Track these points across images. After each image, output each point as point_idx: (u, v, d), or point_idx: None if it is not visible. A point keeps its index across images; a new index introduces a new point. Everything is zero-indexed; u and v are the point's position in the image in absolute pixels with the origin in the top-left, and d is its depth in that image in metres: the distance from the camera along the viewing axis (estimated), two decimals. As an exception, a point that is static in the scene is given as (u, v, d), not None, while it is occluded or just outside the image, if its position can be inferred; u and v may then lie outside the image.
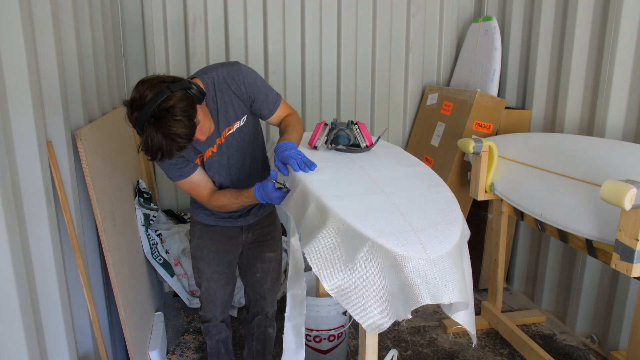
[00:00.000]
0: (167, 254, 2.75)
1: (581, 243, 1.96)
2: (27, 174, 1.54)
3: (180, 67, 3.20)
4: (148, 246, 2.66)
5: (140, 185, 2.69)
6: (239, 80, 1.67)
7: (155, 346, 2.29)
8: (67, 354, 1.70)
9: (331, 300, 2.22)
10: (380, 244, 1.10)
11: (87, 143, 1.84)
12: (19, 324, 1.41)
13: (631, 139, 2.36)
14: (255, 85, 1.71)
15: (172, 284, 2.76)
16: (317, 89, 3.41)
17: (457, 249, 1.16)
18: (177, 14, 3.13)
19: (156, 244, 2.72)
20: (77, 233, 1.81)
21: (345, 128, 1.76)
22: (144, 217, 2.61)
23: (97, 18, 2.35)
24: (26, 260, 1.50)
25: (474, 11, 3.61)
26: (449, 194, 1.39)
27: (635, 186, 1.52)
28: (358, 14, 3.39)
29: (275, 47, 3.29)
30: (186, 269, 2.79)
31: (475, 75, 3.25)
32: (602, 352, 2.52)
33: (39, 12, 1.61)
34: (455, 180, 3.00)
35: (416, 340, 2.64)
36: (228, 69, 1.67)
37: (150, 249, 2.67)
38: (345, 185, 1.42)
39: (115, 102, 2.67)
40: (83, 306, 1.88)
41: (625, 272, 1.64)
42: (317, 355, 2.30)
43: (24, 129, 1.50)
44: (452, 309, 1.23)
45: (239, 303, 2.92)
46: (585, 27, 2.55)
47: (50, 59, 1.67)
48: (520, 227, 3.16)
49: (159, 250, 2.72)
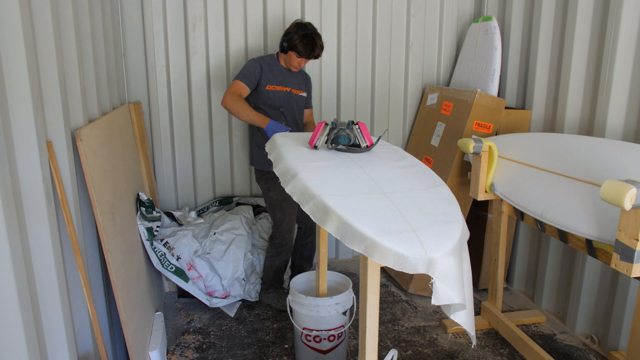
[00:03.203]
0: (178, 260, 2.74)
1: (581, 243, 1.96)
2: (27, 174, 1.53)
3: (181, 67, 3.20)
4: (156, 259, 2.66)
5: (141, 197, 2.69)
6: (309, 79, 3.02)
7: (155, 346, 2.29)
8: (67, 354, 1.70)
9: (331, 300, 2.22)
10: (380, 244, 1.11)
11: (87, 143, 1.84)
12: (19, 324, 1.41)
13: (631, 139, 2.36)
14: (311, 87, 3.04)
15: (189, 288, 2.75)
16: (317, 89, 3.41)
17: (457, 249, 1.16)
18: (177, 14, 3.13)
19: (164, 255, 2.72)
20: (77, 233, 1.81)
21: (346, 128, 1.77)
22: (147, 232, 2.61)
23: (97, 18, 2.35)
24: (26, 260, 1.50)
25: (474, 11, 3.61)
26: (449, 194, 1.39)
27: (635, 186, 1.52)
28: (358, 14, 3.39)
29: (275, 47, 3.29)
30: (200, 271, 2.78)
31: (475, 75, 3.25)
32: (602, 352, 2.52)
33: (39, 12, 1.62)
34: (455, 180, 3.00)
35: (416, 340, 2.64)
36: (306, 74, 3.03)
37: (159, 261, 2.67)
38: (345, 184, 1.42)
39: (115, 102, 2.67)
40: (83, 306, 1.88)
41: (625, 272, 1.64)
42: (317, 355, 2.30)
43: (24, 129, 1.50)
44: (452, 309, 1.23)
45: (255, 297, 2.96)
46: (585, 27, 2.55)
47: (50, 59, 1.67)
48: (520, 227, 3.16)
49: (168, 259, 2.72)
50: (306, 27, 2.64)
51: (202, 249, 2.82)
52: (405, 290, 3.16)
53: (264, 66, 2.73)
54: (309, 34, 2.62)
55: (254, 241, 3.06)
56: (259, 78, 2.71)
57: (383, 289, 3.22)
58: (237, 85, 2.63)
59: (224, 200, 3.40)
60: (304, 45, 2.62)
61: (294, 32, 2.63)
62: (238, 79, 2.66)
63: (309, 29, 2.63)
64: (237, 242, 2.89)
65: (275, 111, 2.79)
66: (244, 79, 2.65)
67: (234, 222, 2.98)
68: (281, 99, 2.78)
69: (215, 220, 3.05)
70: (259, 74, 2.70)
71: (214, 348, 2.56)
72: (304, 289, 2.49)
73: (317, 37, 2.65)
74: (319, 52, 2.68)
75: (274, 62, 2.80)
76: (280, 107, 2.79)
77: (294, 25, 2.67)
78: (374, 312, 1.35)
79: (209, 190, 3.44)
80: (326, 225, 1.24)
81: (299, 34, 2.61)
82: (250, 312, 2.91)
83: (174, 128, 3.28)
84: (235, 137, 3.38)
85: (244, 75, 2.67)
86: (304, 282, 2.53)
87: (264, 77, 2.72)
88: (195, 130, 3.31)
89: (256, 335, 2.68)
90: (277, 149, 1.85)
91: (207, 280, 2.79)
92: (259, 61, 2.75)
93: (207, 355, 2.50)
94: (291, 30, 2.66)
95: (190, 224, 3.00)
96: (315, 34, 2.65)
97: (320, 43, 2.66)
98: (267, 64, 2.76)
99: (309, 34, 2.62)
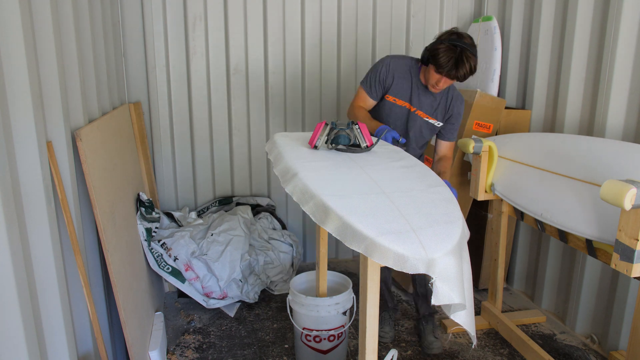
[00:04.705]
0: (175, 261, 2.74)
1: (581, 243, 1.96)
2: (27, 174, 1.53)
3: (181, 67, 3.20)
4: (153, 259, 2.67)
5: (142, 197, 2.69)
6: (456, 106, 2.33)
7: (155, 346, 2.29)
8: (67, 354, 1.70)
9: (331, 300, 2.22)
10: (380, 244, 1.11)
11: (87, 143, 1.84)
12: (19, 324, 1.41)
13: (631, 139, 2.36)
14: (458, 117, 2.35)
15: (186, 289, 2.75)
16: (317, 89, 3.41)
17: (457, 248, 1.16)
18: (177, 14, 3.13)
19: (161, 255, 2.72)
20: (77, 233, 1.81)
21: (346, 128, 1.77)
22: (146, 232, 2.62)
23: (97, 18, 2.35)
24: (26, 260, 1.50)
25: (474, 11, 3.61)
26: (449, 194, 1.39)
27: (635, 186, 1.52)
28: (358, 14, 3.39)
29: (275, 47, 3.30)
30: (197, 272, 2.79)
31: (475, 75, 3.24)
32: (602, 352, 2.52)
33: (39, 12, 1.61)
34: (455, 180, 3.00)
35: (416, 340, 2.64)
36: (461, 96, 2.36)
37: (156, 262, 2.67)
38: (345, 184, 1.42)
39: (115, 102, 2.67)
40: (83, 306, 1.88)
41: (625, 272, 1.64)
42: (317, 355, 2.30)
43: (24, 129, 1.50)
44: (452, 309, 1.23)
45: (254, 298, 2.93)
46: (585, 27, 2.55)
47: (50, 59, 1.67)
48: (520, 227, 3.16)
49: (165, 260, 2.72)
50: (461, 38, 2.04)
51: (199, 250, 2.82)
52: (405, 290, 3.16)
53: (396, 73, 2.25)
54: (459, 46, 2.01)
55: (252, 242, 3.05)
56: (385, 89, 2.27)
57: (383, 289, 3.22)
58: (360, 96, 2.29)
59: (224, 200, 3.40)
60: (446, 58, 2.01)
61: (441, 40, 2.07)
62: (362, 86, 2.29)
63: (463, 42, 2.03)
64: (234, 243, 2.88)
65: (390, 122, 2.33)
66: (367, 87, 2.28)
67: (231, 222, 2.98)
68: (397, 115, 2.30)
69: (213, 221, 3.05)
70: (382, 85, 2.26)
71: (214, 348, 2.56)
72: (304, 289, 2.49)
73: (468, 53, 2.02)
74: (466, 72, 2.05)
75: (413, 70, 2.28)
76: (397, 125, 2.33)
77: (447, 33, 2.10)
78: (374, 312, 1.35)
79: (209, 191, 3.44)
80: (326, 225, 1.24)
81: (446, 44, 2.03)
82: (250, 312, 2.91)
83: (174, 128, 3.28)
84: (236, 137, 3.39)
85: (368, 83, 2.27)
86: (304, 282, 2.53)
87: (391, 84, 2.27)
88: (195, 130, 3.31)
89: (256, 335, 2.68)
90: (277, 148, 1.85)
91: (204, 281, 2.79)
92: (391, 66, 2.26)
93: (207, 355, 2.50)
94: (442, 37, 2.09)
95: (189, 225, 3.00)
96: (469, 50, 2.02)
97: (470, 62, 2.03)
98: (401, 71, 2.27)
99: (459, 46, 2.01)
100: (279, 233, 3.22)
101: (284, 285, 3.13)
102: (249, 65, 3.30)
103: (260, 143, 3.42)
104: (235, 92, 3.32)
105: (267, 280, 3.04)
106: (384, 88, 2.26)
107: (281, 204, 3.54)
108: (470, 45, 2.03)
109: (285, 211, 3.56)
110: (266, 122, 3.41)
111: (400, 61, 2.28)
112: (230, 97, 3.32)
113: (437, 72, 2.08)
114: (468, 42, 2.04)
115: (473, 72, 2.06)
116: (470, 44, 2.04)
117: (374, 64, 2.29)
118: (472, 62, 2.02)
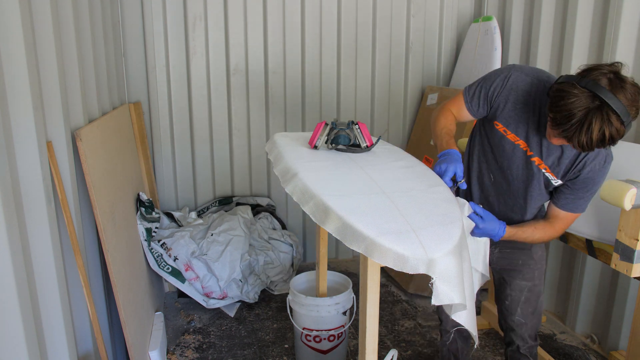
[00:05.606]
0: (175, 261, 2.74)
1: (581, 243, 1.96)
2: (27, 174, 1.53)
3: (180, 67, 3.20)
4: (153, 259, 2.67)
5: (142, 197, 2.69)
6: (591, 168, 1.49)
7: (155, 346, 2.29)
8: (67, 354, 1.70)
9: (331, 300, 2.22)
10: (380, 244, 1.11)
11: (87, 143, 1.84)
12: (19, 324, 1.41)
13: (631, 139, 2.36)
14: (586, 184, 1.52)
15: (185, 289, 2.76)
16: (317, 88, 3.42)
17: (457, 248, 1.16)
18: (177, 14, 3.13)
19: (161, 255, 2.72)
20: (77, 233, 1.81)
21: (346, 128, 1.77)
22: (146, 232, 2.62)
23: (97, 18, 2.35)
24: (26, 260, 1.50)
25: (474, 11, 3.61)
26: (449, 194, 1.39)
27: (635, 186, 1.52)
28: (358, 14, 3.40)
29: (275, 47, 3.30)
30: (197, 272, 2.79)
31: (475, 75, 3.25)
32: (602, 352, 2.52)
33: (39, 12, 1.61)
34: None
35: (416, 340, 2.64)
36: (608, 157, 1.50)
37: (156, 262, 2.68)
38: (345, 184, 1.42)
39: (115, 102, 2.67)
40: (83, 306, 1.88)
41: (625, 272, 1.64)
42: (317, 355, 2.30)
43: (24, 129, 1.50)
44: (453, 309, 1.23)
45: (254, 298, 2.93)
46: (585, 27, 2.55)
47: (50, 59, 1.67)
48: (520, 227, 3.16)
49: (165, 260, 2.72)
50: (596, 82, 1.24)
51: (199, 250, 2.82)
52: (405, 290, 3.16)
53: (513, 93, 1.53)
54: (599, 99, 1.22)
55: (252, 242, 3.05)
56: (491, 109, 1.60)
57: (383, 289, 3.22)
58: (456, 101, 1.68)
59: (224, 200, 3.40)
60: (567, 111, 1.26)
61: (580, 77, 1.28)
62: (464, 90, 1.67)
63: (609, 94, 1.22)
64: (234, 243, 2.88)
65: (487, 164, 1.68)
66: (468, 95, 1.64)
67: (231, 222, 2.98)
68: (508, 154, 1.59)
69: (213, 221, 3.05)
70: (487, 101, 1.59)
71: (214, 348, 2.56)
72: (304, 289, 2.49)
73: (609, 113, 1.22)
74: (593, 142, 1.25)
75: (538, 96, 1.49)
76: (496, 161, 1.64)
77: (594, 69, 1.28)
78: (374, 312, 1.34)
79: (209, 191, 3.44)
80: (326, 225, 1.24)
81: (580, 87, 1.24)
82: (250, 312, 2.91)
83: (174, 128, 3.28)
84: (236, 137, 3.39)
85: (472, 90, 1.63)
86: (304, 282, 2.53)
87: (503, 108, 1.56)
88: (195, 130, 3.31)
89: (256, 335, 2.68)
90: (277, 148, 1.85)
91: (204, 281, 2.79)
92: (511, 81, 1.53)
93: (207, 355, 2.50)
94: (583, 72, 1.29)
95: (189, 225, 3.00)
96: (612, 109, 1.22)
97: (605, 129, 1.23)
98: (523, 93, 1.52)
99: (601, 99, 1.22)
100: (279, 233, 3.22)
101: (284, 285, 3.13)
102: (249, 65, 3.30)
103: (260, 143, 3.42)
104: (235, 92, 3.32)
105: (267, 280, 3.04)
106: (490, 106, 1.59)
107: (281, 204, 3.55)
108: (620, 103, 1.22)
109: (285, 211, 3.56)
110: (266, 122, 3.41)
111: (526, 78, 1.52)
112: (230, 97, 3.32)
113: (551, 125, 1.34)
114: (621, 98, 1.22)
115: (608, 143, 1.28)
116: (626, 101, 1.23)
117: (493, 71, 1.63)
118: (609, 128, 1.23)
